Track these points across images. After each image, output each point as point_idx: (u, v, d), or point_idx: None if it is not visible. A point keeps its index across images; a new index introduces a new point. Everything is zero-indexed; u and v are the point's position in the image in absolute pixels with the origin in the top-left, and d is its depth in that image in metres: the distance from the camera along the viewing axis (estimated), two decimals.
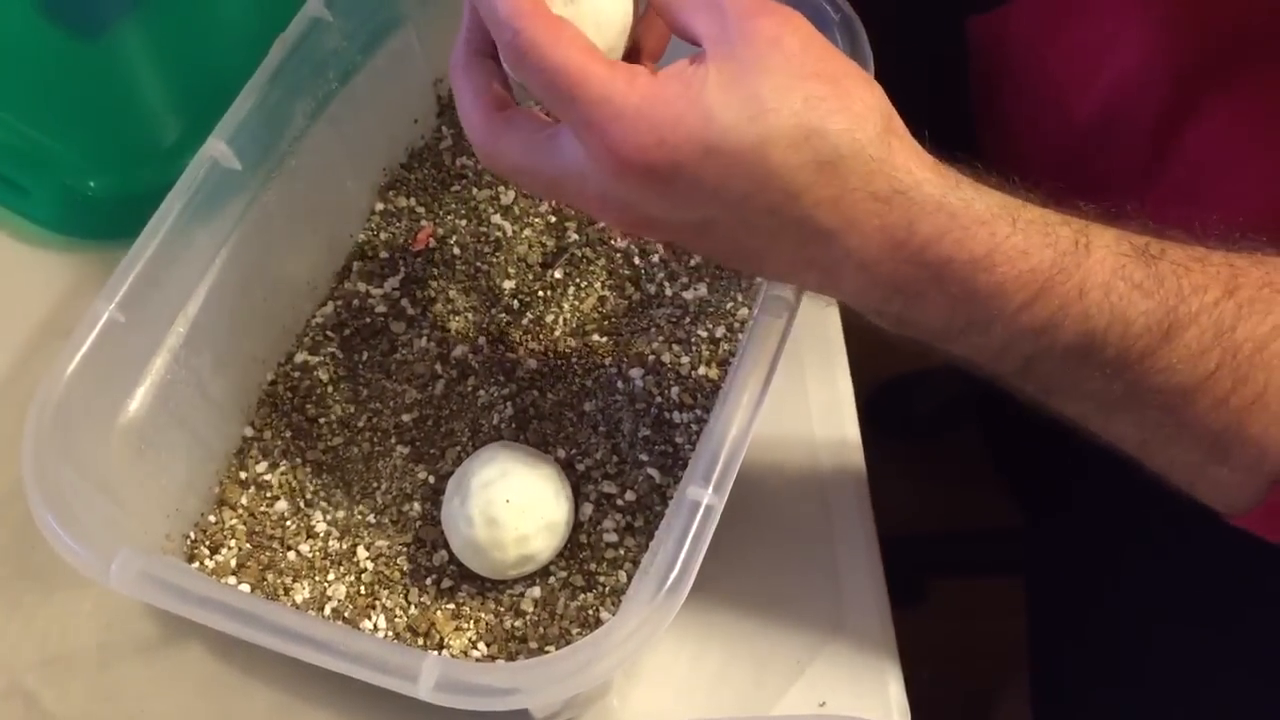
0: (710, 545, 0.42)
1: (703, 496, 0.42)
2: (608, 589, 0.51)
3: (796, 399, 0.57)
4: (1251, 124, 0.55)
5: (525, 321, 0.58)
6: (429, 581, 0.51)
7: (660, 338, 0.56)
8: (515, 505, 0.48)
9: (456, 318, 0.58)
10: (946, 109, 0.82)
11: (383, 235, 0.60)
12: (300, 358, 0.57)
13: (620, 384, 0.56)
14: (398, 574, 0.51)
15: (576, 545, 0.52)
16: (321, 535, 0.52)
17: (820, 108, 0.38)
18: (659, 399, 0.55)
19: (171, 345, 0.50)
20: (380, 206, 0.61)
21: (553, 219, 0.61)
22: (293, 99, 0.54)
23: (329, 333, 0.58)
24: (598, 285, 0.59)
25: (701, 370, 0.56)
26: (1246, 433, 0.41)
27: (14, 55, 0.68)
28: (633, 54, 0.44)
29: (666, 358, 0.56)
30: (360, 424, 0.55)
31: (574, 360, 0.57)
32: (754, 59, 0.38)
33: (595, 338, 0.57)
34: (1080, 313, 0.39)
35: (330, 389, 0.56)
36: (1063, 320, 0.40)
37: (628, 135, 0.38)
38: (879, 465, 0.57)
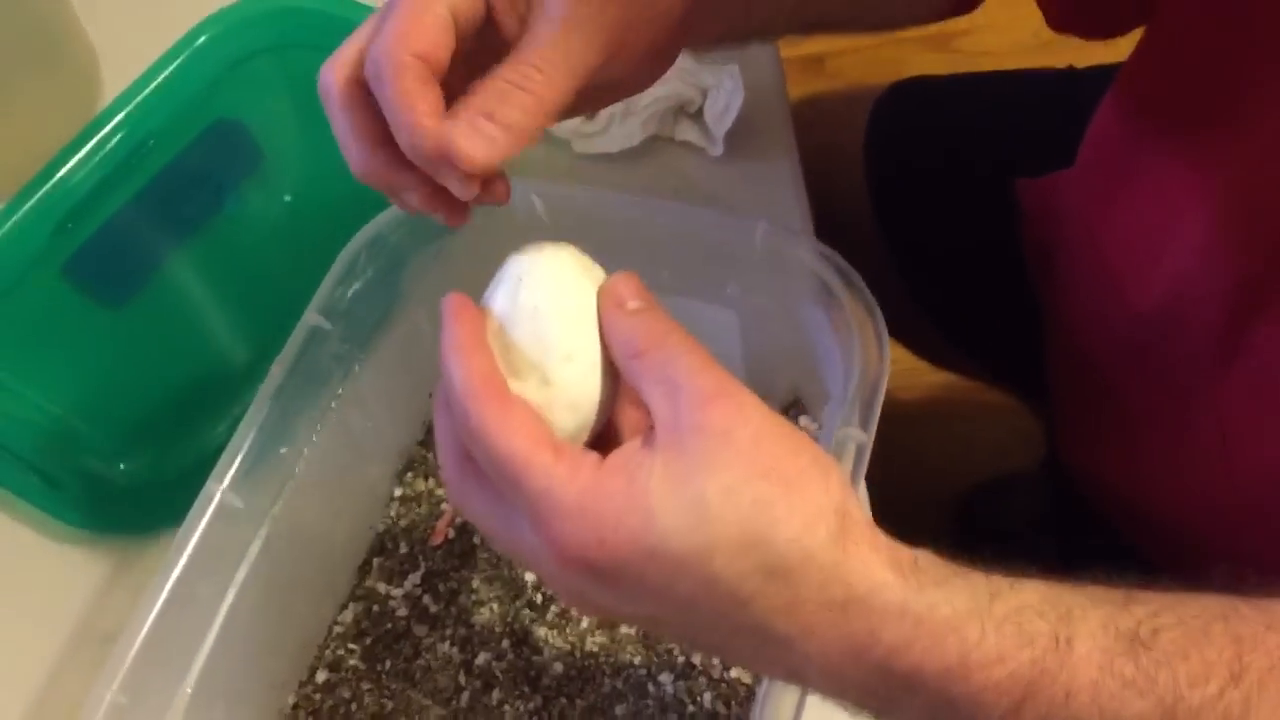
0: None
1: None
2: None
3: None
4: None
5: (550, 616, 0.55)
6: None
7: None
8: None
9: (480, 611, 0.56)
10: (998, 272, 0.79)
11: (402, 524, 0.59)
12: (321, 676, 0.55)
13: (651, 687, 0.53)
14: None
15: None
16: None
17: (767, 514, 0.35)
18: (692, 708, 0.52)
19: (179, 709, 0.48)
20: (398, 492, 0.60)
21: None
22: (296, 420, 0.53)
23: (350, 644, 0.56)
24: None
25: (734, 672, 0.53)
26: None
27: (39, 328, 0.68)
28: (610, 431, 0.42)
29: (697, 659, 0.53)
30: None
31: (602, 659, 0.54)
32: (702, 455, 0.36)
33: (623, 630, 0.55)
34: (1069, 717, 0.36)
35: (354, 705, 0.54)
36: None
37: (569, 532, 0.36)
38: None
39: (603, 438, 0.41)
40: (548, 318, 0.40)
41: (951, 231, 0.82)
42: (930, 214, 0.83)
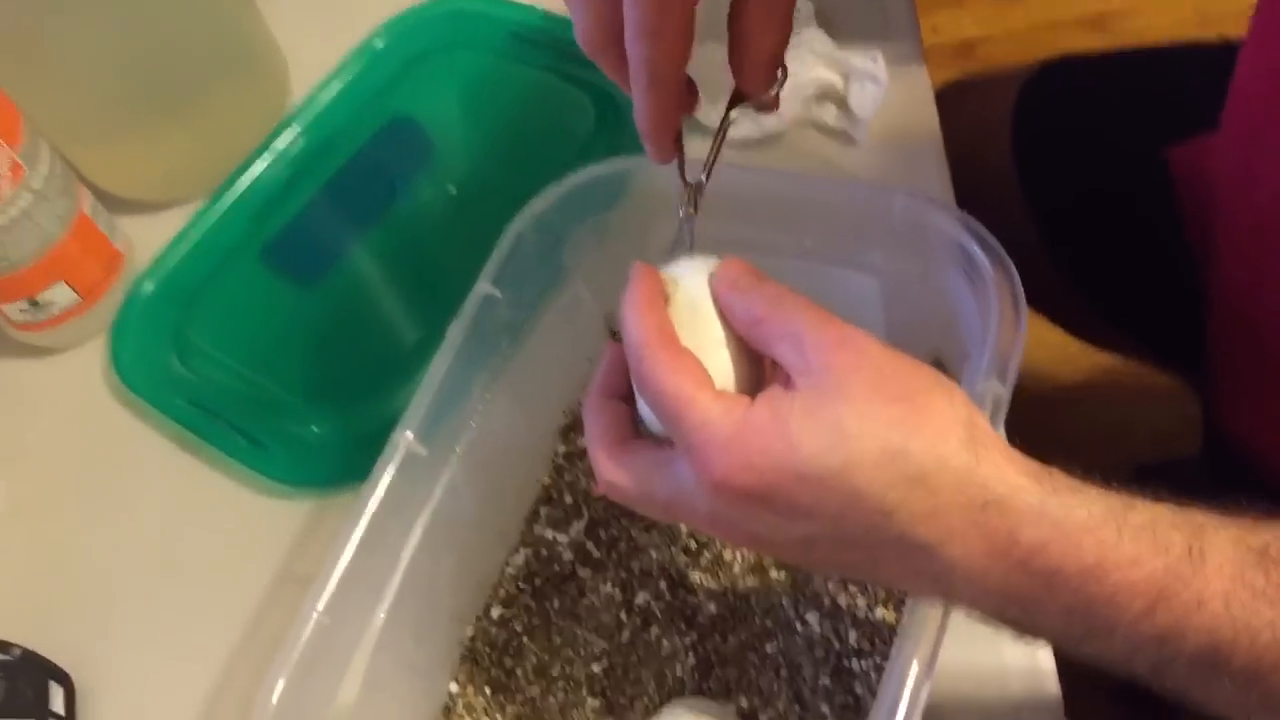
0: None
1: None
2: None
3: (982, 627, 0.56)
4: None
5: (704, 561, 0.59)
6: None
7: (834, 577, 0.57)
8: None
9: (639, 556, 0.60)
10: (1153, 241, 0.79)
11: (566, 477, 0.64)
12: (496, 612, 0.60)
13: (799, 626, 0.56)
14: None
15: None
16: None
17: (900, 428, 0.39)
18: (837, 645, 0.55)
19: (374, 632, 0.54)
20: (562, 449, 0.65)
21: None
22: (471, 377, 0.58)
23: (521, 584, 0.61)
24: None
25: (879, 613, 0.56)
26: None
27: (240, 305, 0.76)
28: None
29: (843, 600, 0.56)
30: (555, 672, 0.58)
31: (753, 600, 0.58)
32: (834, 387, 0.40)
33: (773, 574, 0.58)
34: (1201, 624, 0.38)
35: (526, 639, 0.60)
36: (1184, 630, 0.38)
37: (722, 459, 0.40)
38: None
39: None
40: (702, 310, 0.45)
41: (1103, 203, 0.82)
42: (1081, 187, 0.83)
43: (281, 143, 0.81)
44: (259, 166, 0.80)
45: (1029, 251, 0.72)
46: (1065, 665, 0.56)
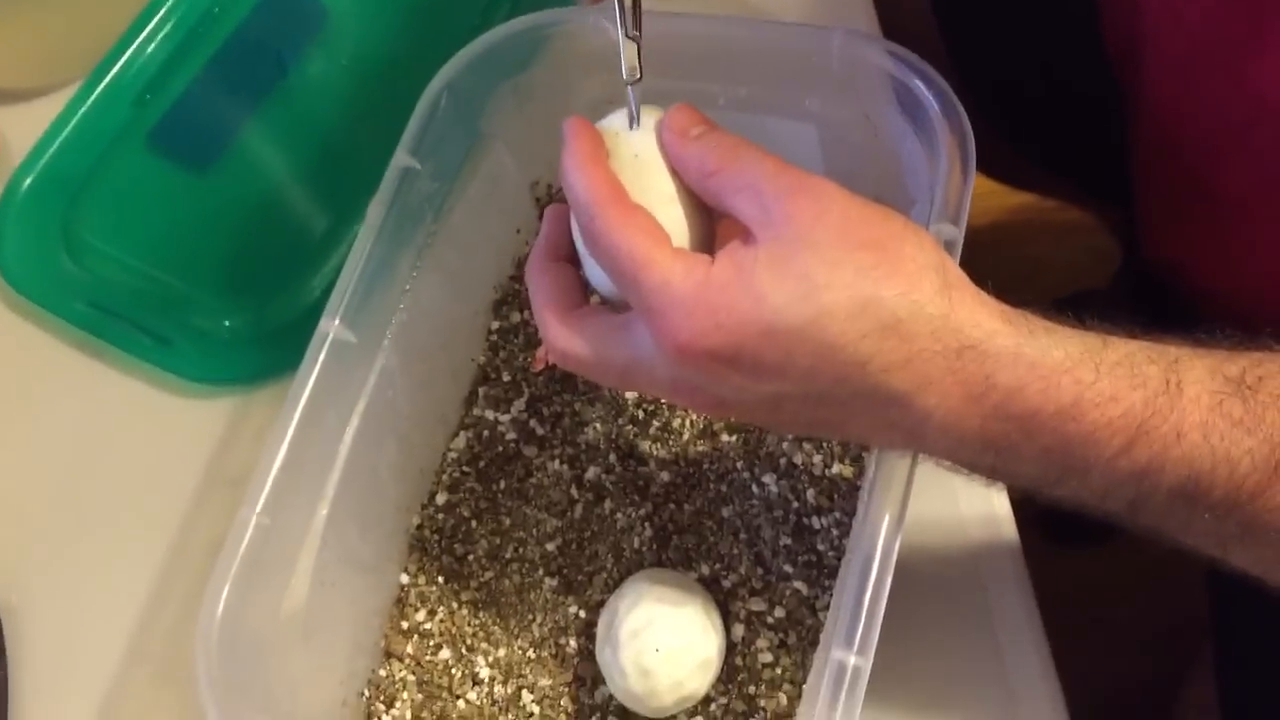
0: None
1: (849, 659, 0.42)
2: (770, 712, 0.51)
3: (939, 478, 0.56)
4: None
5: (653, 430, 0.58)
6: None
7: (789, 436, 0.56)
8: (665, 653, 0.49)
9: (585, 430, 0.58)
10: (1072, 72, 0.78)
11: (502, 354, 0.61)
12: (441, 498, 0.58)
13: (755, 488, 0.55)
14: (563, 716, 0.53)
15: (733, 669, 0.52)
16: (486, 680, 0.54)
17: (871, 274, 0.37)
18: (796, 504, 0.54)
19: (317, 529, 0.52)
20: (495, 325, 0.62)
21: None
22: (396, 257, 0.54)
23: (465, 468, 0.59)
24: None
25: (835, 469, 0.55)
26: None
27: (132, 196, 0.70)
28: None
29: (798, 458, 0.55)
30: (508, 555, 0.57)
31: (706, 466, 0.57)
32: (798, 236, 0.38)
33: (724, 438, 0.57)
34: (1180, 456, 0.38)
35: (474, 524, 0.58)
36: (1163, 464, 0.38)
37: (685, 321, 0.38)
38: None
39: None
40: (649, 164, 0.42)
41: (1021, 37, 0.81)
42: (997, 19, 0.81)
43: (157, 16, 0.74)
44: (133, 45, 0.73)
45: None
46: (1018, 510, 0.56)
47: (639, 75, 0.44)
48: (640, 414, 0.58)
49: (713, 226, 0.43)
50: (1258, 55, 0.56)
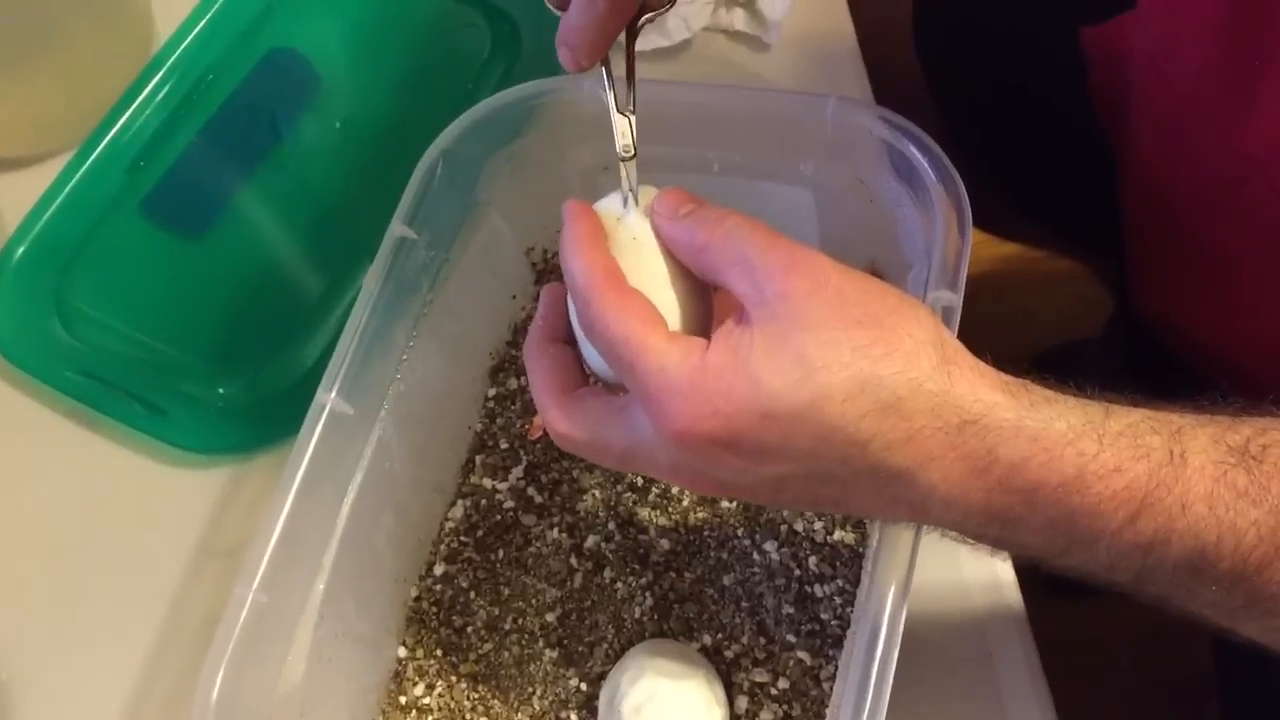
0: None
1: None
2: None
3: (942, 544, 0.55)
4: None
5: (652, 497, 0.57)
6: None
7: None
8: None
9: (584, 498, 0.58)
10: (1062, 126, 0.78)
11: (499, 421, 0.61)
12: (439, 569, 0.58)
13: (756, 556, 0.55)
14: None
15: None
16: None
17: (869, 353, 0.37)
18: (798, 572, 0.54)
19: (314, 604, 0.51)
20: (492, 391, 0.61)
21: None
22: (393, 327, 0.54)
23: (463, 537, 0.58)
24: None
25: (837, 535, 0.54)
26: None
27: (125, 264, 0.70)
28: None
29: (800, 525, 0.55)
30: (507, 626, 0.56)
31: (706, 533, 0.56)
32: (793, 316, 0.37)
33: (724, 505, 0.57)
34: (1186, 528, 0.37)
35: (473, 594, 0.57)
36: (1169, 536, 0.37)
37: (683, 406, 0.38)
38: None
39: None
40: (647, 247, 0.42)
41: (1011, 92, 0.82)
42: (987, 76, 0.82)
43: (151, 84, 0.74)
44: (127, 112, 0.74)
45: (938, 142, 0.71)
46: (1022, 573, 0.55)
47: (633, 152, 0.44)
48: (639, 481, 0.58)
49: (712, 305, 0.43)
50: (1248, 113, 0.57)
